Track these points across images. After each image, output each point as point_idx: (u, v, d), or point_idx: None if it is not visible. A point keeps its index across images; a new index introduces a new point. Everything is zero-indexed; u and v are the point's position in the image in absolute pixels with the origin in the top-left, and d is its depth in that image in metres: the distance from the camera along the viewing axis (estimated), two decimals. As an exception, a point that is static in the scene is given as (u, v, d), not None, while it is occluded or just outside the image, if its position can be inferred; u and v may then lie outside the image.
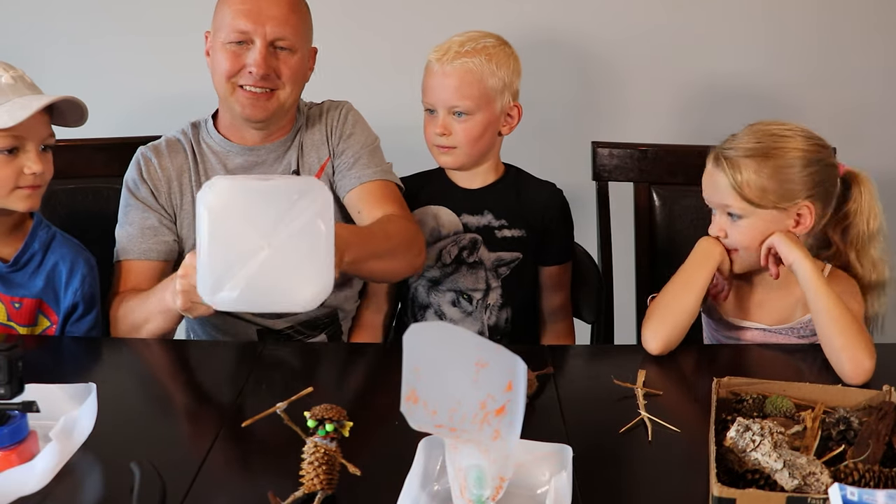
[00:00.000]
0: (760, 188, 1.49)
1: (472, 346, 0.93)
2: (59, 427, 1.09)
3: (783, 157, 1.50)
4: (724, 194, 1.53)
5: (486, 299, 1.80)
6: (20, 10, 2.25)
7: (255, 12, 1.62)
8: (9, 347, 1.12)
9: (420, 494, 1.05)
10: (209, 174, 1.73)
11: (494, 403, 0.94)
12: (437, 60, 1.71)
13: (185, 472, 1.14)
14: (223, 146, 1.75)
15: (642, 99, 2.31)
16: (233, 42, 1.64)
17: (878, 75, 2.29)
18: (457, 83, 1.70)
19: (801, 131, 1.54)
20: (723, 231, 1.55)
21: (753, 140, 1.52)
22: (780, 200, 1.50)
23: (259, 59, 1.62)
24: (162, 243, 1.70)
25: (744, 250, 1.55)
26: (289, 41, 1.65)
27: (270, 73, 1.64)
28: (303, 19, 1.69)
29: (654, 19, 2.26)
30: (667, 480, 1.16)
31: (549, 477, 1.08)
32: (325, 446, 1.06)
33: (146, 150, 1.74)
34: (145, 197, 1.71)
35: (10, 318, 1.58)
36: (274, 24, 1.63)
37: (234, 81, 1.66)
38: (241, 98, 1.66)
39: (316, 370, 1.55)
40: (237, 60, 1.64)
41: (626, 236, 2.02)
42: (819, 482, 1.03)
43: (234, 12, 1.63)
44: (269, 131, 1.74)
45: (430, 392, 0.93)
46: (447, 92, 1.71)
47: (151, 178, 1.72)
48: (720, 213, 1.56)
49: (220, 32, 1.66)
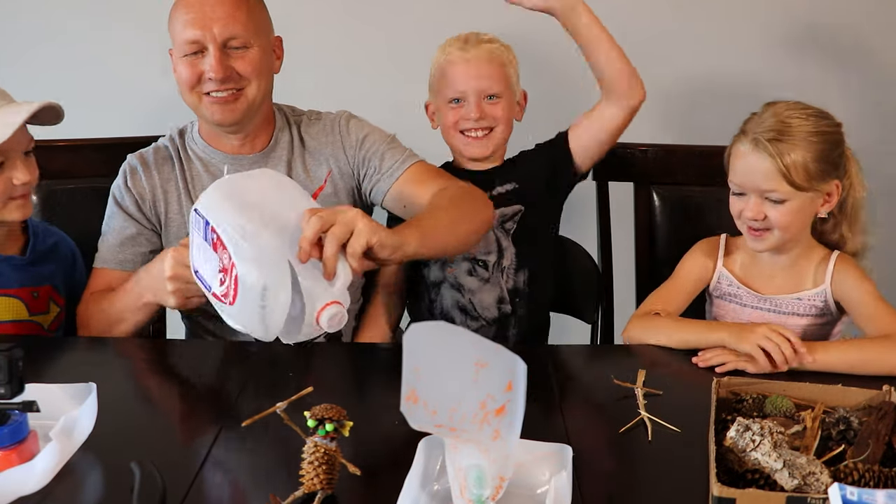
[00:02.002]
0: (806, 171, 1.50)
1: (472, 346, 0.93)
2: (59, 427, 1.09)
3: (819, 140, 1.52)
4: (770, 179, 1.52)
5: (501, 262, 1.79)
6: (19, 9, 2.25)
7: (200, 19, 1.61)
8: (9, 347, 1.12)
9: (420, 494, 1.05)
10: (195, 181, 1.73)
11: (494, 403, 0.94)
12: (460, 49, 1.75)
13: (185, 472, 1.14)
14: (207, 153, 1.74)
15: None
16: (188, 54, 1.63)
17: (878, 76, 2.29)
18: (489, 67, 1.74)
19: (817, 111, 1.56)
20: (761, 214, 1.54)
21: (784, 124, 1.52)
22: (820, 182, 1.53)
23: (215, 64, 1.61)
24: (139, 255, 1.70)
25: (780, 230, 1.55)
26: (241, 39, 1.63)
27: (231, 74, 1.63)
28: (251, 13, 1.65)
29: (654, 19, 2.26)
30: (667, 480, 1.16)
31: (549, 477, 1.08)
32: (325, 446, 1.06)
33: (133, 159, 1.75)
34: (128, 206, 1.71)
35: (31, 313, 1.60)
36: (220, 25, 1.61)
37: (199, 91, 1.65)
38: (208, 105, 1.65)
39: (316, 370, 1.55)
40: (195, 69, 1.63)
41: (626, 236, 2.01)
42: (819, 482, 1.03)
43: (182, 24, 1.63)
44: (246, 133, 1.72)
45: (430, 392, 0.93)
46: (480, 76, 1.74)
47: (136, 187, 1.72)
48: (756, 196, 1.55)
49: (175, 48, 1.66)
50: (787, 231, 1.56)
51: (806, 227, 1.59)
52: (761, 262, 1.65)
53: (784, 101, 1.57)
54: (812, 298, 1.61)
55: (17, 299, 1.59)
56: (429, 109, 1.86)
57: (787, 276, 1.63)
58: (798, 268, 1.63)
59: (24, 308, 1.59)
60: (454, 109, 1.77)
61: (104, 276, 1.70)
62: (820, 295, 1.61)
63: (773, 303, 1.63)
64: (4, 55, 2.26)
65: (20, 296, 1.59)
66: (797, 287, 1.63)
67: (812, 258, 1.63)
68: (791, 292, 1.63)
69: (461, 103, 1.76)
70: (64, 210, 1.87)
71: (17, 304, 1.59)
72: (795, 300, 1.62)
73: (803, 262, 1.62)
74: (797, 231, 1.58)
